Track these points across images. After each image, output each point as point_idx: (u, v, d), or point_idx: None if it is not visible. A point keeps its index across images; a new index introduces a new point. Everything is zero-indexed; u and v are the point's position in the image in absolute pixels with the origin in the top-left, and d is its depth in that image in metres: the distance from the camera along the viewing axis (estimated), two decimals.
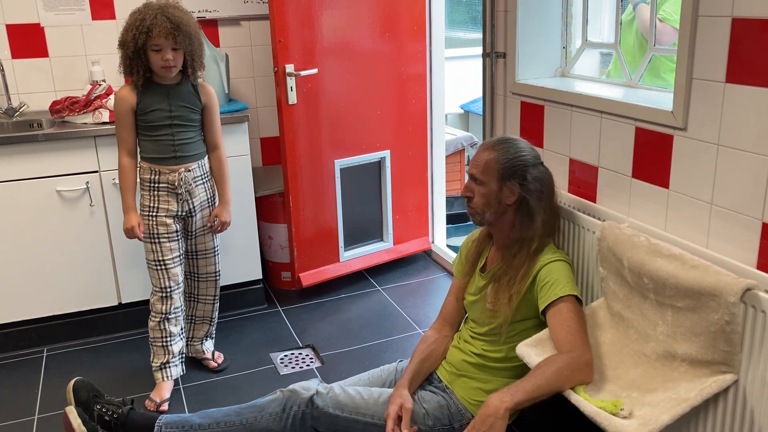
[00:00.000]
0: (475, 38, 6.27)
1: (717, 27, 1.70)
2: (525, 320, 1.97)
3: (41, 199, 2.74)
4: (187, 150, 2.43)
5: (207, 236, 2.58)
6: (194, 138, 2.45)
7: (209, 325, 2.74)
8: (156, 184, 2.41)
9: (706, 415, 1.67)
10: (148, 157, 2.41)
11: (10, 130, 2.94)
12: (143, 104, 2.34)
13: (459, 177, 4.65)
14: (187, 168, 2.43)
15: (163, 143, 2.39)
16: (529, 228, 1.94)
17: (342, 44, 3.13)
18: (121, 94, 2.35)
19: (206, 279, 2.65)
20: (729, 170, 1.72)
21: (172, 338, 2.51)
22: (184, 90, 2.40)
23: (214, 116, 2.50)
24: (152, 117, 2.36)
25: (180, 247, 2.49)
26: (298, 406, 2.01)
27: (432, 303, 3.22)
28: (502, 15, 2.57)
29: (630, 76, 2.33)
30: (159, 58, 2.27)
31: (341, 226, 3.33)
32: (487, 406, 1.67)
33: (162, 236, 2.44)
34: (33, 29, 3.05)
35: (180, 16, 2.28)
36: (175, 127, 2.39)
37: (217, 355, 2.78)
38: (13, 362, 2.83)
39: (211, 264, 2.63)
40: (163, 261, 2.44)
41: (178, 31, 2.26)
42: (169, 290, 2.46)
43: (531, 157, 1.96)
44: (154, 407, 2.42)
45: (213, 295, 2.69)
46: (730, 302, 1.53)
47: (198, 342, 2.74)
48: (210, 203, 2.56)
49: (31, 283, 2.81)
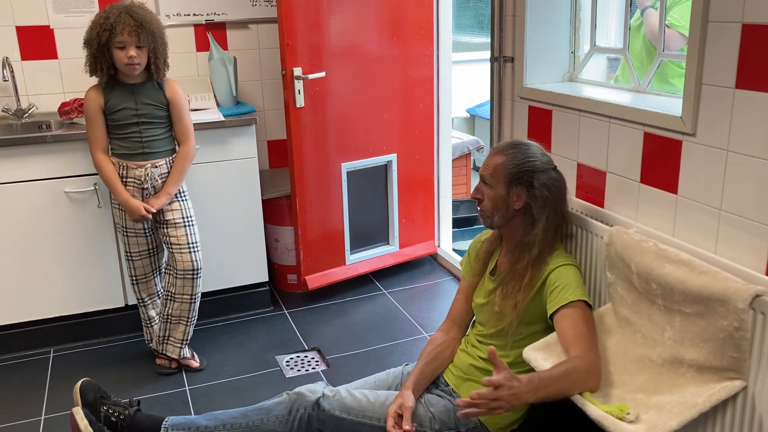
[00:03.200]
0: (481, 42, 6.27)
1: (727, 33, 1.70)
2: (532, 324, 1.96)
3: (49, 200, 2.75)
4: (155, 146, 2.52)
5: (178, 230, 2.59)
6: (161, 135, 2.54)
7: (186, 326, 2.67)
8: (124, 179, 2.52)
9: (714, 422, 1.66)
10: (117, 153, 2.52)
11: (19, 131, 2.96)
12: (110, 103, 2.44)
13: (465, 181, 4.65)
14: (154, 164, 2.52)
15: (131, 140, 2.49)
16: (529, 234, 1.94)
17: (350, 48, 3.14)
18: (89, 95, 2.46)
19: (183, 276, 2.59)
20: (738, 176, 1.72)
21: (151, 321, 2.75)
22: (149, 88, 2.48)
23: (182, 112, 2.55)
24: (119, 116, 2.45)
25: (149, 242, 2.64)
26: (304, 408, 2.00)
27: (438, 307, 3.22)
28: (511, 19, 2.57)
29: (639, 81, 2.33)
30: (123, 56, 2.36)
31: (347, 229, 3.33)
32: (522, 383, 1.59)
33: (129, 230, 2.60)
34: (42, 31, 3.07)
35: (143, 14, 2.37)
36: (142, 124, 2.48)
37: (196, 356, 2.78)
38: (20, 363, 2.84)
39: (188, 260, 2.59)
40: (130, 253, 2.65)
41: (141, 28, 2.35)
42: (136, 279, 2.69)
43: (541, 162, 1.94)
44: (167, 363, 2.72)
45: (190, 294, 2.63)
46: (740, 308, 1.53)
47: (176, 343, 2.69)
48: (179, 197, 2.62)
49: (38, 284, 2.82)
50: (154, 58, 2.43)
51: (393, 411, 1.94)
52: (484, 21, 6.39)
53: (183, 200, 2.63)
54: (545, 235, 1.93)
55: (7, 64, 2.96)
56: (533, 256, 1.92)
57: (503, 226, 1.99)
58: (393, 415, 1.93)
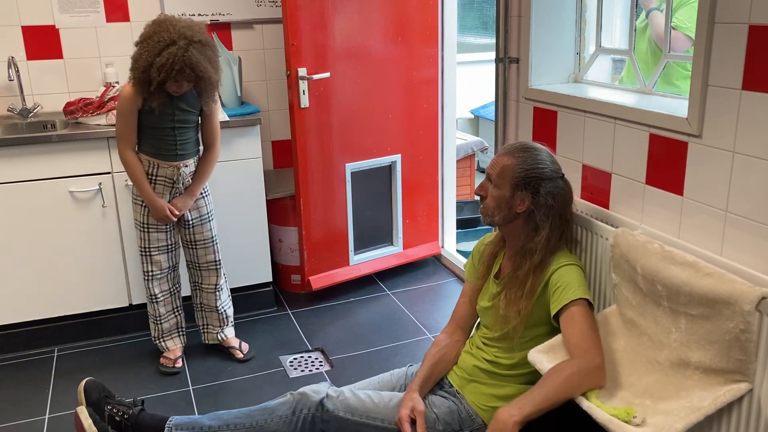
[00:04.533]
0: (485, 43, 6.27)
1: (734, 34, 1.69)
2: (537, 326, 1.96)
3: (54, 199, 2.76)
4: (187, 148, 2.55)
5: (204, 225, 2.67)
6: (193, 137, 2.57)
7: (218, 312, 2.79)
8: (153, 176, 2.52)
9: (719, 424, 1.66)
10: (148, 151, 2.51)
11: (24, 130, 2.97)
12: (148, 107, 2.42)
13: (469, 182, 4.65)
14: (184, 164, 2.55)
15: (166, 142, 2.50)
16: (532, 240, 1.93)
17: (354, 48, 3.14)
18: (127, 93, 2.40)
19: (207, 268, 2.73)
20: (744, 178, 1.71)
21: (161, 317, 2.72)
22: (188, 95, 2.48)
23: (213, 118, 2.59)
24: (156, 120, 2.45)
25: (169, 237, 2.62)
26: (308, 409, 2.00)
27: (441, 308, 3.22)
28: (516, 20, 2.56)
29: (644, 82, 2.32)
30: (176, 88, 2.37)
31: (351, 229, 3.33)
32: (497, 421, 1.65)
33: (151, 226, 2.58)
34: (48, 31, 3.08)
35: (201, 60, 2.30)
36: (178, 129, 2.50)
37: (243, 345, 2.85)
38: (24, 362, 2.85)
39: (210, 253, 2.71)
40: (148, 249, 2.61)
41: (199, 80, 2.35)
42: (151, 275, 2.64)
43: (549, 170, 1.93)
44: (171, 363, 2.72)
45: (215, 284, 2.75)
46: (746, 311, 1.52)
47: (214, 330, 2.82)
48: (203, 195, 2.65)
49: (42, 284, 2.82)
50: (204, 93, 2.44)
51: (406, 416, 1.94)
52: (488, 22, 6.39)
53: (206, 196, 2.68)
54: (547, 243, 1.92)
55: (13, 64, 2.97)
56: (534, 263, 1.92)
57: (504, 226, 1.99)
58: (407, 420, 1.93)
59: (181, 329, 2.81)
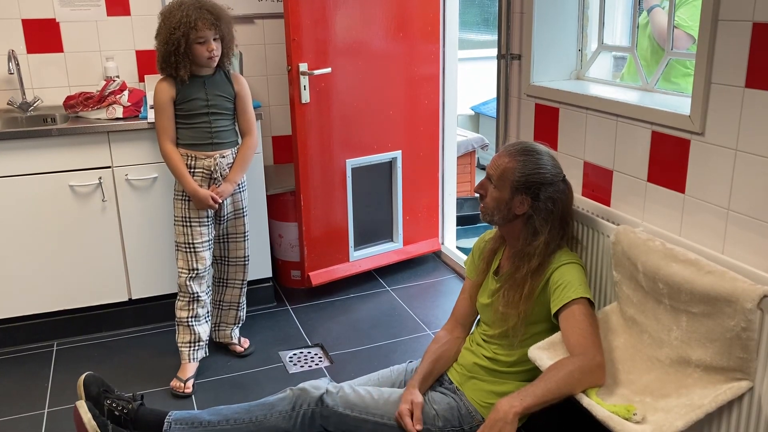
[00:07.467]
0: (486, 40, 6.26)
1: (737, 31, 1.69)
2: (537, 324, 1.96)
3: (54, 193, 2.75)
4: (223, 137, 2.55)
5: (238, 220, 2.69)
6: (228, 126, 2.58)
7: (237, 310, 2.81)
8: (191, 169, 2.53)
9: (720, 422, 1.66)
10: (185, 143, 2.53)
11: (24, 124, 2.96)
12: (182, 95, 2.47)
13: (469, 179, 4.65)
14: (221, 154, 2.55)
15: (200, 130, 2.51)
16: (530, 244, 1.93)
17: (355, 44, 3.13)
18: (161, 86, 2.47)
19: (236, 263, 2.74)
20: (747, 176, 1.71)
21: (197, 319, 2.61)
22: (218, 80, 2.52)
23: (247, 104, 2.61)
24: (190, 106, 2.48)
25: (210, 232, 2.60)
26: (307, 404, 2.00)
27: (441, 304, 3.22)
28: (518, 17, 2.56)
29: (647, 79, 2.32)
30: (204, 50, 2.40)
31: (351, 225, 3.33)
32: (497, 411, 1.67)
33: (193, 220, 2.56)
34: (48, 24, 3.06)
35: (216, 6, 2.44)
36: (212, 115, 2.51)
37: (243, 341, 2.85)
38: (24, 356, 2.84)
39: (241, 248, 2.73)
40: (192, 244, 2.56)
41: (219, 21, 2.41)
42: (197, 272, 2.57)
43: (551, 174, 1.93)
44: (181, 387, 2.54)
45: (242, 279, 2.78)
46: (747, 309, 1.52)
47: (227, 327, 2.82)
48: (240, 188, 2.66)
49: (42, 278, 2.82)
50: (226, 49, 2.49)
51: (406, 410, 1.94)
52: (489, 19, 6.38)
53: (243, 191, 2.68)
54: (546, 248, 1.92)
55: (13, 57, 2.96)
56: (532, 267, 1.92)
57: (503, 225, 1.99)
58: (408, 414, 1.93)
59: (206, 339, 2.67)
